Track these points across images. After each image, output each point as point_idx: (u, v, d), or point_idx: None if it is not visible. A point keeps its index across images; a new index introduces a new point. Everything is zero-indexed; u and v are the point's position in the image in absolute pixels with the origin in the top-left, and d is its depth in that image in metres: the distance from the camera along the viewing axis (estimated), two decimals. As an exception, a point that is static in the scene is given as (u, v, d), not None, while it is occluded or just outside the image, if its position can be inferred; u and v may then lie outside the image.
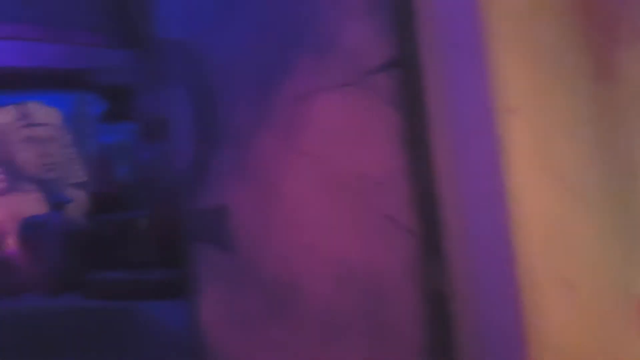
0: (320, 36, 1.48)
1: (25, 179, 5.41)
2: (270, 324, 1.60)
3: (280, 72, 1.58)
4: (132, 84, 5.64)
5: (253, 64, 1.68)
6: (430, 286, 1.28)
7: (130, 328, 3.72)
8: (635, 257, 1.10)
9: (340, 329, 1.47)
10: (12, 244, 4.63)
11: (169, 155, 5.07)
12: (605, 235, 1.10)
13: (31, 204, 5.36)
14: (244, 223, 1.76)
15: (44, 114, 5.55)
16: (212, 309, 1.94)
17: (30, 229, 4.63)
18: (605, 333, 1.06)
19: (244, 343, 1.72)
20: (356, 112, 1.40)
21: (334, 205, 1.49)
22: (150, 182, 4.55)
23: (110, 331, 3.80)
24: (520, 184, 1.10)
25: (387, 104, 1.30)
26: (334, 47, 1.42)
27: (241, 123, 1.72)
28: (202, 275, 2.07)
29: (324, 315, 1.50)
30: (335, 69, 1.44)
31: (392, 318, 1.34)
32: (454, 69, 1.19)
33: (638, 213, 1.12)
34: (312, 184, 1.54)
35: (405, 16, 1.25)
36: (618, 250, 1.09)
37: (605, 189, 1.10)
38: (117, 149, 5.68)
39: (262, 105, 1.63)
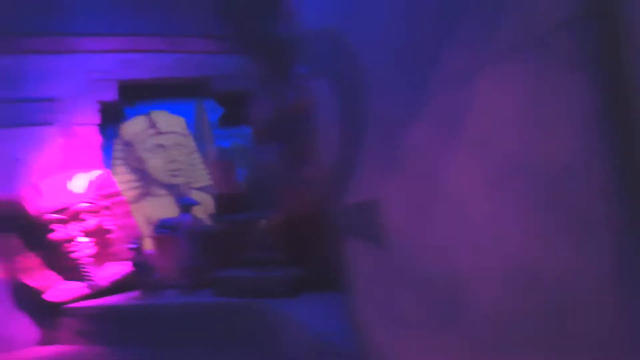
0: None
1: (156, 184, 5.81)
2: (433, 328, 1.46)
3: (435, 51, 1.43)
4: (247, 89, 5.83)
5: (402, 46, 1.54)
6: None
7: (261, 324, 3.79)
8: None
9: (515, 338, 1.29)
10: (148, 245, 4.98)
11: (286, 156, 5.17)
12: None
13: (162, 207, 5.75)
14: (397, 218, 1.62)
15: (170, 122, 5.92)
16: (367, 309, 1.83)
17: (164, 231, 4.94)
18: None
19: (405, 346, 1.59)
20: (533, 84, 1.19)
21: (506, 197, 1.29)
22: (269, 182, 4.64)
23: (242, 327, 3.91)
24: None
25: (575, 69, 1.08)
26: (501, 9, 1.23)
27: (391, 112, 1.59)
28: (353, 274, 1.97)
29: (495, 322, 1.32)
30: (504, 34, 1.25)
31: (585, 332, 1.13)
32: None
33: None
34: (478, 174, 1.35)
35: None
36: None
37: None
38: (235, 153, 5.89)
39: (415, 91, 1.48)
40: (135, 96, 5.69)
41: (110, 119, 5.54)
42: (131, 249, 4.52)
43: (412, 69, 1.54)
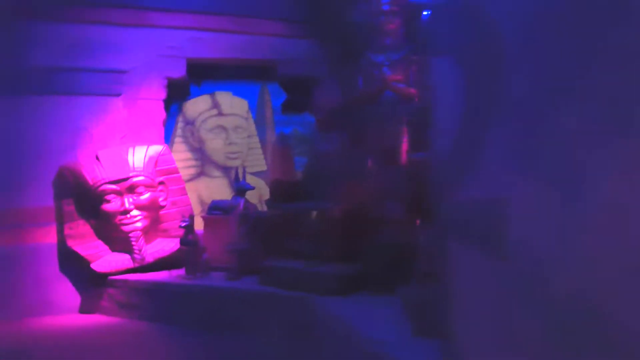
0: None
1: (212, 165, 5.70)
2: (571, 357, 1.11)
3: (609, 22, 1.09)
4: (314, 75, 5.62)
5: (560, 19, 1.20)
6: None
7: (306, 321, 3.54)
8: None
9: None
10: (199, 225, 4.85)
11: (349, 146, 4.91)
12: None
13: (216, 189, 5.64)
14: (528, 223, 1.28)
15: (233, 104, 5.80)
16: (472, 331, 1.49)
17: (216, 212, 4.80)
18: None
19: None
20: None
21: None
22: (329, 173, 4.39)
23: (286, 320, 3.67)
24: None
25: None
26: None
27: (534, 95, 1.25)
28: (456, 285, 1.63)
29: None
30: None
31: None
32: None
33: None
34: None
35: None
36: None
37: None
38: (295, 140, 5.69)
39: (575, 70, 1.14)
40: (201, 75, 5.61)
41: (175, 96, 5.48)
42: (182, 227, 4.39)
43: (573, 44, 1.20)
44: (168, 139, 5.55)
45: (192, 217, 4.49)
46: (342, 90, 5.13)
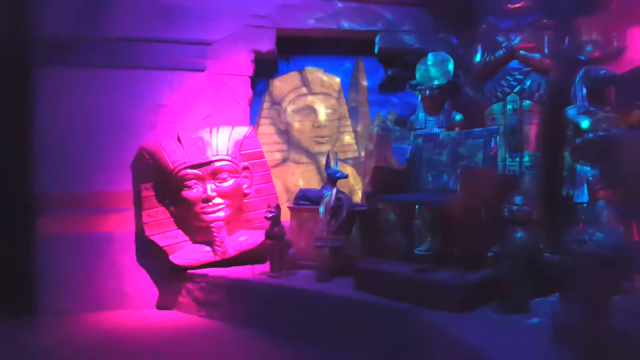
0: None
1: (299, 150, 5.15)
2: None
3: None
4: (418, 49, 4.85)
5: None
6: None
7: (414, 339, 2.88)
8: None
9: None
10: (286, 217, 4.30)
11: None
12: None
13: (304, 176, 5.08)
14: None
15: (324, 82, 5.18)
16: None
17: (304, 202, 4.24)
18: None
19: None
20: None
21: None
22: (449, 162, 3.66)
23: (388, 336, 3.02)
24: None
25: None
26: None
27: None
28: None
29: None
30: None
31: None
32: None
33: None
34: None
35: None
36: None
37: None
38: (394, 123, 4.97)
39: None
40: (291, 49, 5.04)
41: (262, 72, 4.97)
42: (267, 218, 3.86)
43: None
44: (253, 120, 5.05)
45: (278, 208, 3.95)
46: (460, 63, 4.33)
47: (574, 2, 4.02)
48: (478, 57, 4.22)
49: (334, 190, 3.96)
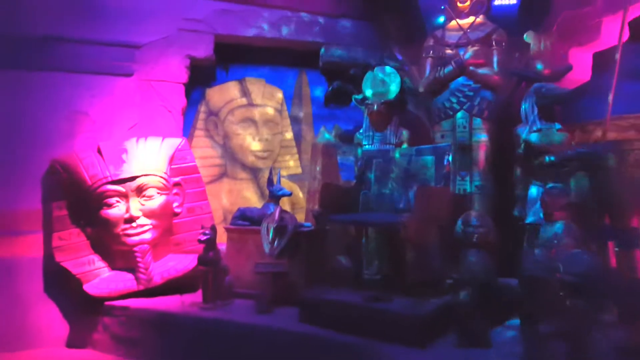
0: None
1: (238, 165, 4.75)
2: None
3: None
4: (364, 62, 4.64)
5: None
6: None
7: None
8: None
9: None
10: (222, 239, 3.88)
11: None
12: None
13: (243, 194, 4.69)
14: None
15: (265, 93, 4.85)
16: None
17: (243, 223, 3.84)
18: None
19: None
20: None
21: None
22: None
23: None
24: None
25: None
26: None
27: None
28: None
29: None
30: None
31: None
32: None
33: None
34: None
35: None
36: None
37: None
38: (339, 138, 4.71)
39: None
40: (230, 57, 4.68)
41: (199, 80, 4.56)
42: (201, 241, 3.42)
43: None
44: (187, 131, 4.61)
45: (213, 229, 3.52)
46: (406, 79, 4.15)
47: (522, 19, 3.97)
48: (427, 72, 4.06)
49: (277, 209, 3.60)
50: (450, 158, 3.33)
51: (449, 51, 3.91)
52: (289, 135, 4.90)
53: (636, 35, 3.93)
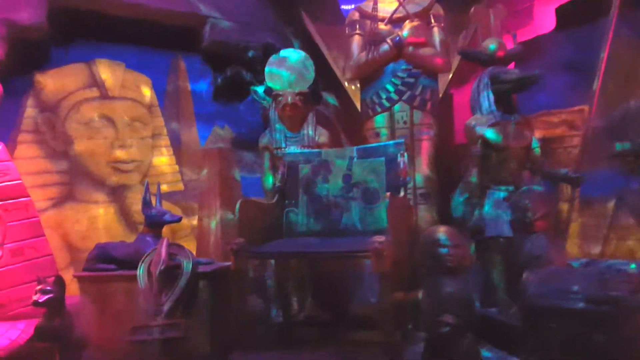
0: None
1: (89, 182, 3.38)
2: None
3: None
4: (263, 46, 3.65)
5: None
6: None
7: None
8: None
9: None
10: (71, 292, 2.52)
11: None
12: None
13: (99, 223, 3.32)
14: None
15: (126, 82, 3.54)
16: None
17: (105, 267, 2.56)
18: None
19: None
20: None
21: None
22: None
23: None
24: None
25: None
26: None
27: None
28: None
29: None
30: None
31: None
32: None
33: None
34: None
35: None
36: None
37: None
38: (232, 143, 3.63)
39: None
40: (71, 29, 3.31)
41: (24, 61, 3.11)
42: (38, 302, 2.10)
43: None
44: (6, 134, 3.13)
45: (58, 282, 2.22)
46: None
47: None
48: (354, 53, 3.24)
49: (163, 243, 2.40)
50: (406, 159, 2.52)
51: (382, 27, 3.14)
52: (164, 139, 3.66)
53: (563, 24, 3.60)
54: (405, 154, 2.52)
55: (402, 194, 2.36)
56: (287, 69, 3.17)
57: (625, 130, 3.27)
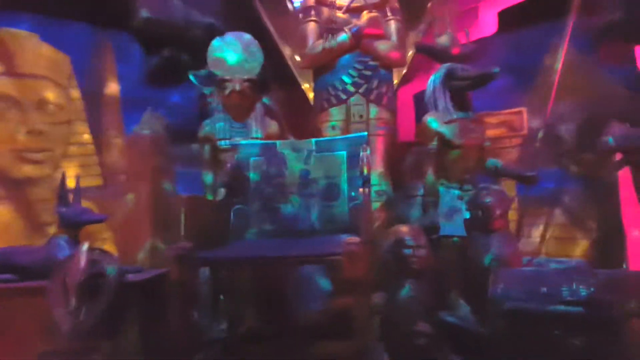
0: None
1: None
2: None
3: None
4: (205, 23, 3.24)
5: None
6: None
7: None
8: None
9: None
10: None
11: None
12: None
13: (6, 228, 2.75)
14: None
15: (37, 56, 2.99)
16: None
17: (7, 277, 2.06)
18: None
19: None
20: None
21: None
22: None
23: None
24: None
25: None
26: None
27: None
28: None
29: None
30: None
31: None
32: None
33: None
34: None
35: None
36: None
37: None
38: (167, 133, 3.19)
39: None
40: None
41: None
42: None
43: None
44: None
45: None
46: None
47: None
48: (309, 41, 2.95)
49: (83, 248, 1.96)
50: (368, 153, 2.27)
51: (340, 15, 2.88)
52: (83, 125, 3.14)
53: (505, 28, 3.60)
54: (368, 149, 2.27)
55: (365, 190, 2.10)
56: (233, 52, 2.84)
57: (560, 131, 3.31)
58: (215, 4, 3.36)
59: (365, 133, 2.39)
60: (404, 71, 3.36)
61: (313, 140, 2.35)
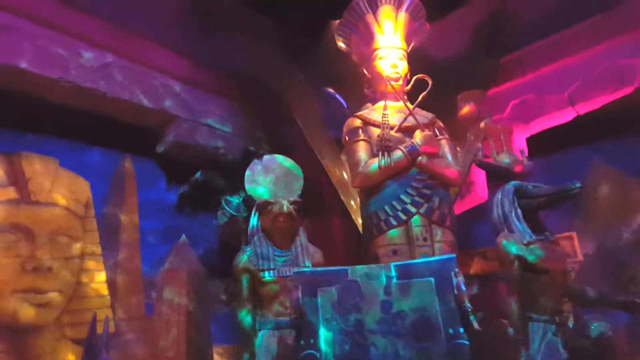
0: None
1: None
2: None
3: None
4: (230, 154, 3.03)
5: None
6: None
7: None
8: None
9: None
10: None
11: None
12: None
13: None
14: None
15: (57, 183, 2.64)
16: None
17: None
18: None
19: None
20: None
21: None
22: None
23: None
24: None
25: None
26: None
27: None
28: None
29: None
30: None
31: None
32: None
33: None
34: None
35: None
36: None
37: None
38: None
39: None
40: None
41: None
42: None
43: None
44: None
45: None
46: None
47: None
48: (361, 160, 2.76)
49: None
50: (462, 278, 1.93)
51: (393, 134, 2.73)
52: (98, 260, 2.70)
53: (535, 152, 3.56)
54: (461, 274, 1.93)
55: (475, 326, 1.71)
56: (275, 176, 2.63)
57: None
58: (248, 129, 3.22)
59: (454, 255, 2.05)
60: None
61: (392, 264, 2.00)
